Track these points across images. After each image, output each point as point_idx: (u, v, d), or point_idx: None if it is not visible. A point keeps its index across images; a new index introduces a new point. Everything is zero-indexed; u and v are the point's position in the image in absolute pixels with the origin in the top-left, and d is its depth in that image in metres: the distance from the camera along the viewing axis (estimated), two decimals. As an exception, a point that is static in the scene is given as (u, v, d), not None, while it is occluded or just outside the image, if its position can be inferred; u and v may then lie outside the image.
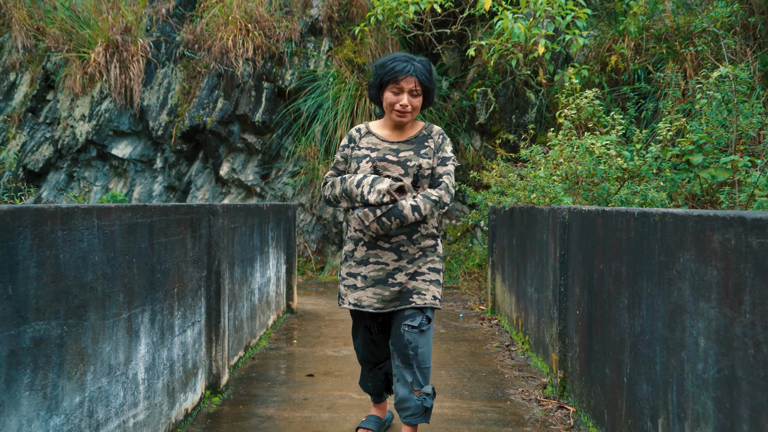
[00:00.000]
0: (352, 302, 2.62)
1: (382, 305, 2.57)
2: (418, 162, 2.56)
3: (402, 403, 2.58)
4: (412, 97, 2.56)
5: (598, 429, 2.83)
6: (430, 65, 2.62)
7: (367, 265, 2.59)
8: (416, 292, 2.56)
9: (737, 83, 4.52)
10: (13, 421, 1.62)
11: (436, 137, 2.66)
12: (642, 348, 2.35)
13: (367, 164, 2.59)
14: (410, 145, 2.62)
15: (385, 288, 2.56)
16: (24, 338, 1.66)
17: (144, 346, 2.46)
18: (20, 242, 1.63)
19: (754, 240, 1.60)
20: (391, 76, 2.52)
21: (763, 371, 1.53)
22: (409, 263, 2.57)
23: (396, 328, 2.59)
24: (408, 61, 2.54)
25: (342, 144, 2.72)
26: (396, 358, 2.58)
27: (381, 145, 2.63)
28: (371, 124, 2.74)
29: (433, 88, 2.62)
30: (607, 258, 2.76)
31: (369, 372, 2.84)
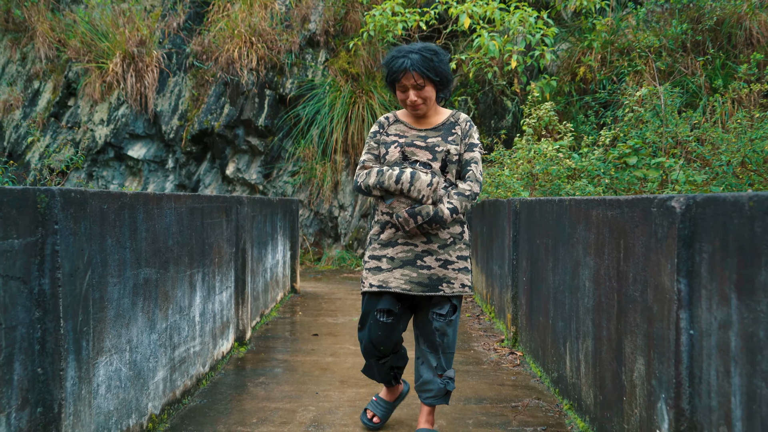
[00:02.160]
0: (376, 284, 2.57)
1: (409, 287, 2.54)
2: (446, 147, 2.56)
3: (424, 385, 2.64)
4: (417, 90, 2.52)
5: (535, 363, 3.76)
6: (432, 51, 2.52)
7: (395, 246, 2.57)
8: (446, 281, 2.55)
9: (667, 98, 5.46)
10: (134, 331, 2.51)
11: (463, 124, 2.65)
12: (558, 296, 3.27)
13: (395, 149, 2.58)
14: (437, 132, 2.61)
15: (414, 269, 2.54)
16: (140, 277, 2.55)
17: (198, 297, 3.36)
18: (138, 215, 2.53)
19: (609, 213, 2.52)
20: (392, 77, 2.53)
21: (616, 295, 2.45)
22: (440, 248, 2.56)
23: (424, 314, 2.62)
24: (405, 56, 2.49)
25: (372, 130, 2.73)
26: (422, 343, 2.64)
27: (409, 133, 2.63)
28: (398, 112, 2.74)
29: (441, 73, 2.53)
30: (541, 234, 3.68)
31: (374, 364, 2.75)
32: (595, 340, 2.68)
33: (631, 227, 2.25)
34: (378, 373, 2.77)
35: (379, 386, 3.38)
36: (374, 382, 3.39)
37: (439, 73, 2.52)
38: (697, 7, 8.52)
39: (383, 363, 2.72)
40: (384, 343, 2.62)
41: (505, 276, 4.57)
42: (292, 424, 2.86)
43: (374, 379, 2.82)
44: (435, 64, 2.50)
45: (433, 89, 2.55)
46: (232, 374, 3.67)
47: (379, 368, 2.74)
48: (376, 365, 2.73)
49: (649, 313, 2.08)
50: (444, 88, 2.60)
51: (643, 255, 2.13)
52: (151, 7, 10.19)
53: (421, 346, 2.65)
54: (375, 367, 2.74)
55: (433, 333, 2.58)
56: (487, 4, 7.96)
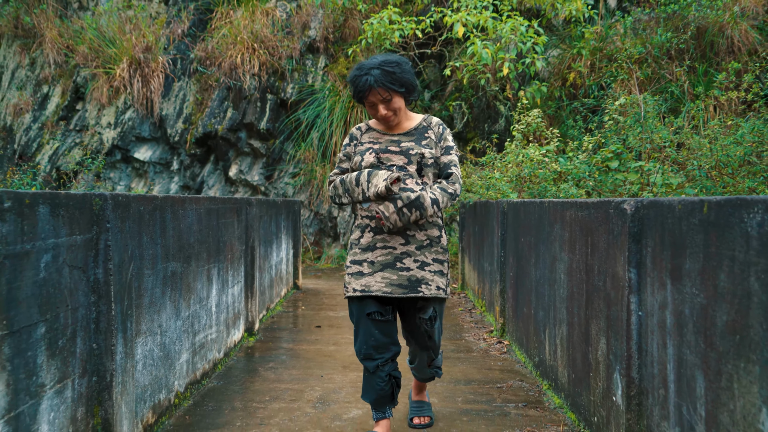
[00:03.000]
0: (359, 289, 2.57)
1: (390, 289, 2.54)
2: (420, 151, 2.58)
3: (417, 368, 2.93)
4: (385, 104, 2.53)
5: (520, 350, 4.12)
6: (393, 63, 2.51)
7: (374, 250, 2.58)
8: (424, 282, 2.58)
9: (647, 105, 5.83)
10: (163, 317, 2.86)
11: (435, 128, 2.68)
12: (539, 288, 3.64)
13: (370, 156, 2.60)
14: (411, 136, 2.64)
15: (394, 272, 2.55)
16: (168, 270, 2.91)
17: (215, 290, 3.71)
18: (167, 215, 2.88)
19: (579, 213, 2.88)
20: (359, 95, 2.53)
21: (585, 285, 2.81)
22: (417, 249, 2.59)
23: (410, 317, 2.70)
24: (367, 74, 2.47)
25: (344, 143, 2.75)
26: (412, 344, 2.82)
27: (382, 138, 2.65)
28: (371, 121, 2.76)
29: (405, 83, 2.53)
30: (525, 233, 4.04)
31: (372, 374, 2.61)
32: (569, 325, 3.04)
33: (596, 226, 2.61)
34: (376, 386, 2.59)
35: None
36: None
37: (404, 83, 2.52)
38: (681, 17, 8.90)
39: (382, 368, 2.58)
40: (383, 341, 2.56)
41: (494, 272, 4.94)
42: (301, 401, 3.22)
43: (370, 401, 2.65)
44: (398, 76, 2.49)
45: (401, 99, 2.57)
46: (243, 360, 4.02)
47: (377, 378, 2.58)
48: (373, 376, 2.59)
49: (608, 299, 2.44)
50: (411, 95, 2.62)
51: (605, 250, 2.49)
52: (156, 14, 10.53)
53: (412, 347, 2.86)
54: (372, 380, 2.60)
55: (422, 336, 2.72)
56: (480, 13, 8.32)
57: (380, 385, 2.59)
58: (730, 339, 1.60)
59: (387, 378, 2.60)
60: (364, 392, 2.65)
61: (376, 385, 2.60)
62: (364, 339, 2.58)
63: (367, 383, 2.64)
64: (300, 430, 2.83)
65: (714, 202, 1.69)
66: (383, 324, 2.57)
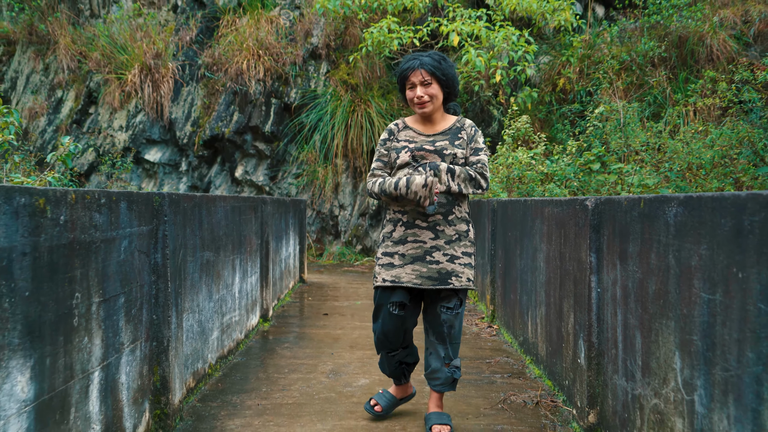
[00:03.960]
0: (389, 279, 2.73)
1: (420, 281, 2.68)
2: (453, 151, 2.73)
3: (433, 374, 2.82)
4: (424, 87, 2.72)
5: (507, 332, 4.63)
6: (441, 56, 2.76)
7: (405, 243, 2.72)
8: (454, 275, 2.70)
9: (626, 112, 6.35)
10: (200, 297, 3.35)
11: (468, 129, 2.82)
12: (523, 276, 4.14)
13: (406, 154, 2.74)
14: (445, 136, 2.78)
15: (423, 265, 2.69)
16: (204, 258, 3.40)
17: (237, 278, 4.20)
18: (203, 211, 3.37)
19: (555, 210, 3.38)
20: (402, 75, 2.76)
21: (559, 270, 3.30)
22: (446, 244, 2.71)
23: (432, 308, 2.77)
24: (415, 58, 2.73)
25: (382, 138, 2.89)
26: (431, 335, 2.81)
27: (418, 138, 2.79)
28: (407, 119, 2.91)
29: (448, 75, 2.74)
30: (511, 228, 4.54)
31: (386, 355, 2.89)
32: (546, 306, 3.55)
33: (567, 220, 3.12)
34: (388, 366, 2.91)
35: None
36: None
37: (446, 74, 2.73)
38: (664, 26, 9.42)
39: (393, 356, 2.86)
40: (395, 333, 2.77)
41: (486, 264, 5.44)
42: (316, 372, 3.71)
43: (385, 373, 2.96)
44: (443, 66, 2.72)
45: (439, 90, 2.74)
46: (261, 341, 4.52)
47: (389, 361, 2.88)
48: (386, 358, 2.88)
49: (575, 280, 2.94)
50: (450, 92, 2.79)
51: (573, 239, 2.99)
52: (165, 21, 11.00)
53: (430, 338, 2.82)
54: (386, 360, 2.89)
55: (441, 325, 2.74)
56: (474, 23, 8.83)
57: (393, 366, 2.91)
58: (657, 303, 2.11)
59: (397, 364, 2.89)
60: (381, 366, 2.96)
61: (390, 365, 2.91)
62: (381, 329, 2.79)
63: (382, 360, 2.94)
64: (317, 393, 3.33)
65: (647, 199, 2.20)
66: (398, 318, 2.75)
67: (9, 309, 1.60)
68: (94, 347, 2.11)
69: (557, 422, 2.94)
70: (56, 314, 1.84)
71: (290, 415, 3.00)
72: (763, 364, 1.51)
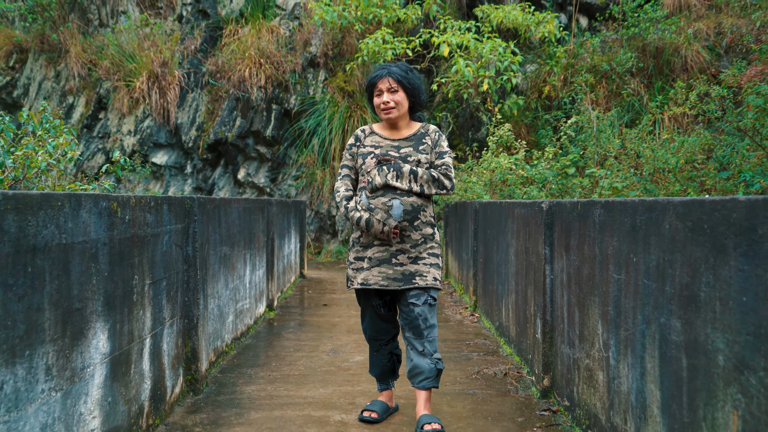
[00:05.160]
0: (360, 282, 2.86)
1: (386, 283, 2.80)
2: (418, 157, 2.84)
3: (415, 369, 2.84)
4: (391, 93, 2.84)
5: (486, 319, 5.21)
6: (408, 67, 2.91)
7: (372, 247, 2.84)
8: (418, 275, 2.81)
9: (599, 121, 6.93)
10: (219, 285, 3.93)
11: (432, 134, 2.93)
12: (499, 268, 4.72)
13: (371, 160, 2.85)
14: (410, 142, 2.89)
15: (389, 267, 2.81)
16: (222, 252, 3.97)
17: (248, 271, 4.78)
18: (221, 211, 3.94)
19: (523, 210, 3.96)
20: (370, 82, 2.90)
21: (524, 262, 3.88)
22: (411, 247, 2.82)
23: (404, 306, 2.86)
24: (383, 68, 2.88)
25: (349, 143, 2.99)
26: (407, 331, 2.86)
27: (383, 143, 2.89)
28: (374, 125, 3.01)
29: (414, 85, 2.88)
30: (490, 226, 5.13)
31: (376, 352, 3.01)
32: (516, 293, 4.13)
33: (530, 219, 3.70)
34: (379, 363, 3.01)
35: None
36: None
37: (412, 83, 2.87)
38: (642, 38, 10.02)
39: (385, 347, 3.01)
40: (385, 327, 2.97)
41: (469, 259, 6.02)
42: (318, 351, 4.29)
43: (375, 375, 3.06)
44: (410, 76, 2.87)
45: (405, 97, 2.87)
46: (267, 327, 5.09)
47: (380, 355, 3.00)
48: (377, 354, 3.00)
49: (535, 270, 3.53)
50: (416, 101, 2.92)
51: (534, 235, 3.58)
52: (171, 31, 11.56)
53: (407, 335, 2.87)
54: (377, 357, 3.01)
55: (416, 319, 2.81)
56: (464, 34, 9.41)
57: (383, 362, 3.01)
58: (588, 284, 2.69)
59: (389, 355, 3.01)
60: (371, 367, 3.08)
61: (380, 361, 3.02)
62: (370, 324, 2.98)
63: (372, 360, 3.05)
64: (319, 367, 3.90)
65: (582, 203, 2.78)
66: (384, 315, 2.95)
67: (95, 284, 2.17)
68: (146, 319, 2.68)
69: (520, 388, 3.52)
70: (123, 291, 2.42)
71: (297, 383, 3.57)
72: (646, 323, 2.09)
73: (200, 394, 3.31)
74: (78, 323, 2.05)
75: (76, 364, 2.04)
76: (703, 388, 1.72)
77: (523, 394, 3.41)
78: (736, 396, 1.55)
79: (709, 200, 1.70)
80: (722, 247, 1.62)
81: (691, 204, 1.79)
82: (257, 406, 3.17)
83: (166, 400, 2.96)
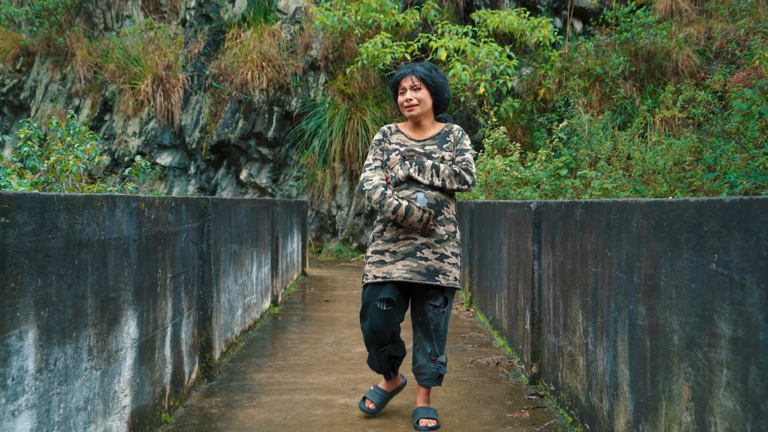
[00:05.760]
0: (380, 275, 2.83)
1: (410, 275, 2.79)
2: (442, 154, 2.88)
3: (420, 369, 2.92)
4: (413, 91, 2.88)
5: (481, 314, 5.48)
6: (433, 66, 2.95)
7: (397, 242, 2.84)
8: (441, 273, 2.82)
9: (590, 125, 7.20)
10: (229, 281, 4.18)
11: (455, 133, 2.98)
12: (493, 265, 4.98)
13: (396, 156, 2.91)
14: (434, 141, 2.94)
15: (414, 260, 2.81)
16: (231, 249, 4.23)
17: (254, 267, 5.04)
18: (231, 211, 4.20)
19: (514, 210, 4.23)
20: (395, 81, 2.95)
21: (516, 259, 4.14)
22: (437, 243, 2.84)
23: (419, 305, 2.88)
24: (408, 67, 2.94)
25: (376, 138, 3.01)
26: (418, 331, 2.90)
27: (408, 142, 2.95)
28: (399, 124, 3.05)
29: (437, 83, 2.91)
30: (485, 226, 5.39)
31: (375, 353, 2.98)
32: (508, 288, 4.39)
33: (520, 218, 3.96)
34: (378, 362, 2.98)
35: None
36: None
37: (435, 82, 2.90)
38: (634, 42, 10.29)
39: (382, 351, 2.94)
40: (383, 330, 2.84)
41: (465, 257, 6.29)
42: (321, 343, 4.55)
43: (375, 369, 3.04)
44: (434, 75, 2.90)
45: (429, 96, 2.90)
46: (273, 322, 5.35)
47: (378, 357, 2.96)
48: (376, 354, 2.96)
49: (524, 265, 3.79)
50: (439, 100, 2.94)
51: (523, 233, 3.84)
52: (175, 35, 11.82)
53: (417, 334, 2.91)
54: (375, 357, 2.97)
55: (428, 323, 2.84)
56: (461, 39, 9.67)
57: (382, 362, 2.99)
58: (570, 278, 2.95)
59: (387, 358, 2.98)
60: (370, 363, 3.05)
61: (380, 360, 2.99)
62: (369, 326, 2.88)
63: (371, 358, 3.02)
64: (323, 357, 4.16)
65: (566, 203, 3.04)
66: (386, 314, 2.83)
67: (127, 276, 2.43)
68: (168, 309, 2.94)
69: (511, 375, 3.78)
70: (149, 282, 2.68)
71: (303, 371, 3.84)
72: (618, 310, 2.36)
73: (214, 381, 3.57)
74: (113, 310, 2.31)
75: (111, 346, 2.30)
76: (662, 365, 1.98)
77: (513, 381, 3.67)
78: (687, 370, 1.81)
79: (668, 201, 1.96)
80: (677, 241, 1.88)
81: (654, 204, 2.06)
82: (267, 391, 3.43)
83: (185, 385, 3.22)
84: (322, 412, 3.09)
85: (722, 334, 1.61)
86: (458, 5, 11.48)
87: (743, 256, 1.51)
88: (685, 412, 1.82)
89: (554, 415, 3.09)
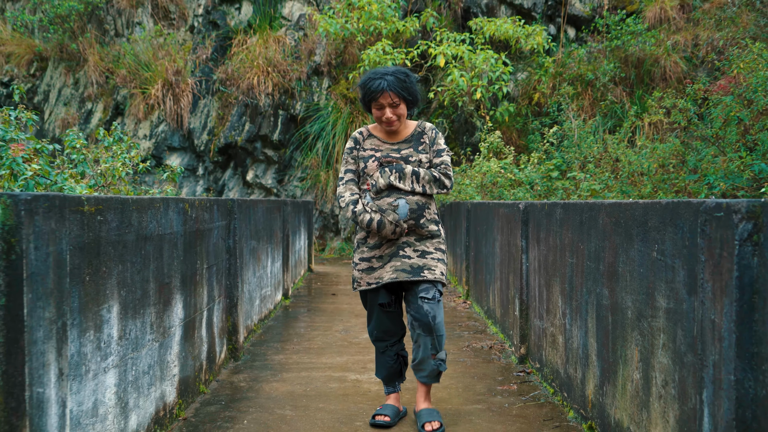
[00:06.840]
0: (372, 282, 2.88)
1: (396, 275, 2.83)
2: (418, 157, 2.87)
3: (420, 365, 2.89)
4: (393, 108, 2.81)
5: (477, 305, 5.94)
6: (405, 73, 2.83)
7: (381, 246, 2.89)
8: (427, 268, 2.84)
9: (580, 129, 7.66)
10: (249, 273, 4.64)
11: (429, 132, 2.95)
12: (487, 260, 5.45)
13: (373, 163, 2.88)
14: (409, 144, 2.91)
15: (398, 259, 2.85)
16: (251, 245, 4.68)
17: (269, 262, 5.49)
18: (250, 210, 4.66)
19: (505, 210, 4.69)
20: (369, 97, 2.81)
21: (507, 254, 4.60)
22: (417, 241, 2.88)
23: (414, 300, 2.86)
24: (381, 78, 2.76)
25: (348, 147, 2.97)
26: (417, 327, 2.84)
27: (383, 147, 2.91)
28: (370, 127, 3.00)
29: (411, 93, 2.84)
30: (480, 224, 5.85)
31: (382, 353, 3.00)
32: (500, 281, 4.85)
33: (510, 216, 4.42)
34: (386, 364, 2.99)
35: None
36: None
37: (411, 92, 2.84)
38: (624, 49, 10.76)
39: (391, 347, 2.99)
40: (392, 328, 2.96)
41: (462, 254, 6.75)
42: (331, 331, 5.01)
43: (382, 377, 3.04)
44: (407, 85, 2.81)
45: (405, 107, 2.86)
46: (285, 312, 5.81)
47: (387, 356, 2.99)
48: (384, 355, 2.99)
49: (514, 259, 4.25)
50: (414, 105, 2.91)
51: (513, 230, 4.30)
52: (183, 41, 12.26)
53: (416, 331, 2.86)
54: (383, 358, 2.99)
55: (426, 315, 2.81)
56: (459, 46, 10.13)
57: (390, 363, 2.99)
58: (552, 268, 3.42)
59: (395, 356, 2.99)
60: (377, 370, 3.06)
61: (386, 363, 3.00)
62: (376, 324, 2.95)
63: (379, 362, 3.04)
64: (333, 342, 4.63)
65: (548, 204, 3.51)
66: (392, 313, 2.94)
67: (176, 265, 2.89)
68: (204, 296, 3.40)
69: (502, 357, 4.25)
70: (191, 272, 3.14)
71: (317, 353, 4.30)
72: (588, 294, 2.82)
73: (239, 361, 4.03)
74: (166, 294, 2.77)
75: (165, 323, 2.76)
76: (620, 336, 2.44)
77: (504, 361, 4.13)
78: (637, 337, 2.28)
79: (624, 203, 2.42)
80: (630, 235, 2.34)
81: (614, 205, 2.52)
82: (287, 369, 3.89)
83: (216, 362, 3.68)
84: (337, 386, 3.55)
85: (660, 306, 2.08)
86: (456, 13, 11.95)
87: (673, 245, 1.97)
88: (636, 371, 2.29)
89: (538, 387, 3.55)
